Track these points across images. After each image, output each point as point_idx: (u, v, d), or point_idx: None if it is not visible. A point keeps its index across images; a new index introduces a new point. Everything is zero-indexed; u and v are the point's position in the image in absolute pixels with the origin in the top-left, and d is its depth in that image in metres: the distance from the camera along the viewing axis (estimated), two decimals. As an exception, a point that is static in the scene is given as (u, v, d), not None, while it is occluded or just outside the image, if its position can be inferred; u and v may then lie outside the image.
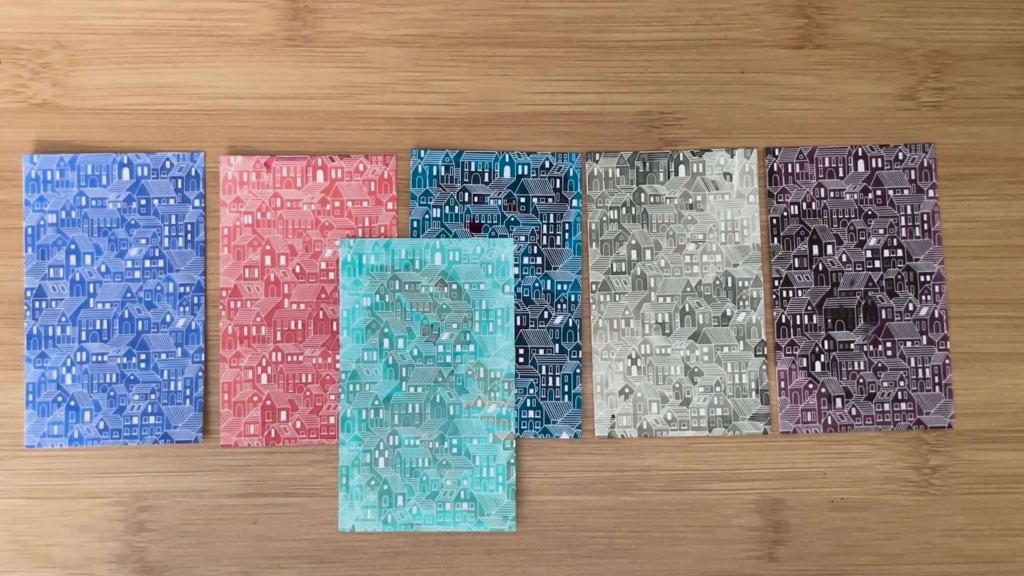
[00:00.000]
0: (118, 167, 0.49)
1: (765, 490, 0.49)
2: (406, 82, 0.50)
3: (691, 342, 0.49)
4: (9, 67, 0.50)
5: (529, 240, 0.49)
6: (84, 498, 0.49)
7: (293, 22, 0.50)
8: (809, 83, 0.50)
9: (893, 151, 0.50)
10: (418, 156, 0.50)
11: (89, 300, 0.49)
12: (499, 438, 0.48)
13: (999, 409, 0.48)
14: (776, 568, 0.48)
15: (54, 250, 0.49)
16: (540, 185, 0.50)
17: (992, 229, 0.50)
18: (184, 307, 0.49)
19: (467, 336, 0.49)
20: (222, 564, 0.48)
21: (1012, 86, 0.51)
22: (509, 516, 0.48)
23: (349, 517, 0.48)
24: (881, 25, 0.51)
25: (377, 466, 0.48)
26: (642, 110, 0.50)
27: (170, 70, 0.50)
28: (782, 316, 0.49)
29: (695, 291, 0.49)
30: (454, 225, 0.50)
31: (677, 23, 0.51)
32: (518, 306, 0.49)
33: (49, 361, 0.49)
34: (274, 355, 0.49)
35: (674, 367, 0.49)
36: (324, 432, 0.49)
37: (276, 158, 0.49)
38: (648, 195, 0.50)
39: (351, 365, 0.49)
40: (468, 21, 0.50)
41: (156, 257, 0.49)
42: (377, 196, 0.50)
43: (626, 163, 0.50)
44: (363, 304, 0.49)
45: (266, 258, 0.49)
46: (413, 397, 0.49)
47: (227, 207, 0.49)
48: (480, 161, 0.50)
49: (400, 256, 0.49)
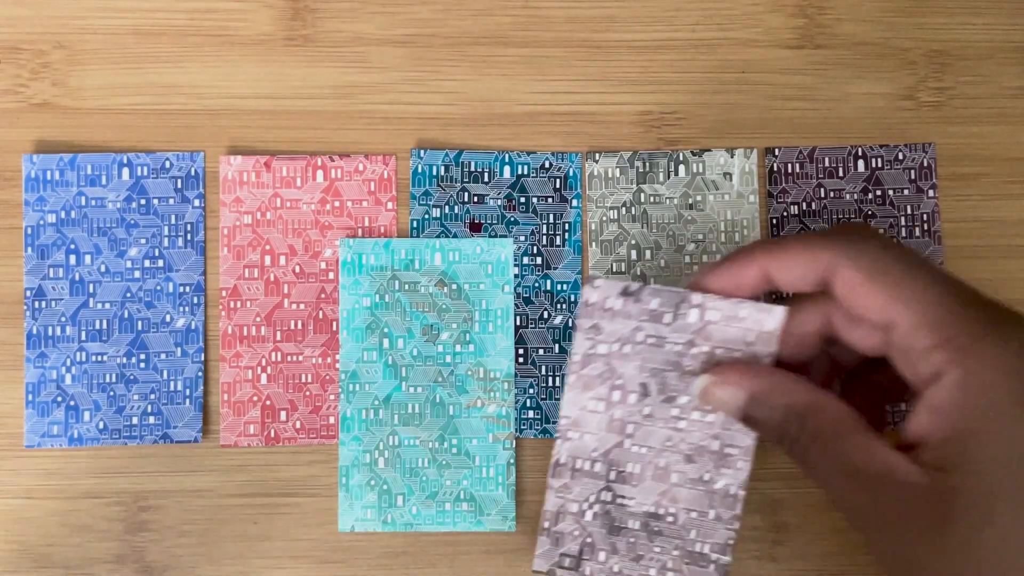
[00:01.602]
0: (118, 167, 0.49)
1: (765, 490, 0.49)
2: (406, 82, 0.50)
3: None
4: (9, 67, 0.50)
5: (529, 240, 0.49)
6: (84, 498, 0.49)
7: (293, 22, 0.50)
8: (809, 83, 0.50)
9: (893, 151, 0.50)
10: (418, 156, 0.50)
11: (89, 300, 0.49)
12: (499, 438, 0.48)
13: (999, 409, 0.48)
14: (776, 568, 0.48)
15: (54, 250, 0.49)
16: (540, 185, 0.50)
17: (992, 229, 0.50)
18: (184, 307, 0.49)
19: (467, 336, 0.49)
20: (222, 564, 0.48)
21: (1012, 86, 0.51)
22: (509, 516, 0.48)
23: (349, 517, 0.48)
24: (881, 25, 0.51)
25: (377, 466, 0.48)
26: (642, 110, 0.50)
27: (170, 70, 0.50)
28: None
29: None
30: (454, 225, 0.49)
31: (677, 23, 0.51)
32: (518, 306, 0.49)
33: (49, 361, 0.49)
34: (274, 355, 0.49)
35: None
36: (324, 432, 0.49)
37: (276, 158, 0.49)
38: (648, 195, 0.50)
39: (351, 365, 0.49)
40: (468, 21, 0.50)
41: (156, 257, 0.49)
42: (377, 196, 0.50)
43: (626, 163, 0.50)
44: (363, 304, 0.49)
45: (266, 258, 0.49)
46: (413, 397, 0.49)
47: (227, 207, 0.49)
48: (480, 161, 0.50)
49: (400, 256, 0.49)
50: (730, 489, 0.43)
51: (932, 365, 0.35)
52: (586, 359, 0.42)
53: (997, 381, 0.34)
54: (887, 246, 0.37)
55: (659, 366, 0.42)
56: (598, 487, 0.44)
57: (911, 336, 0.36)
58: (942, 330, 0.35)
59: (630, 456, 0.43)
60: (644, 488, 0.43)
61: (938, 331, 0.35)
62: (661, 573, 0.43)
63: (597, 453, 0.43)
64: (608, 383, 0.42)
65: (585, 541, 0.44)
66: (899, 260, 0.37)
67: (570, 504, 0.44)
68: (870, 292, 0.36)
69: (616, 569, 0.44)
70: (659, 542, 0.43)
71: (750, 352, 0.41)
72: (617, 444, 0.43)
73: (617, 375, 0.42)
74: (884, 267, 0.37)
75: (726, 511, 0.43)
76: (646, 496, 0.43)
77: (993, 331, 0.34)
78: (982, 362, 0.34)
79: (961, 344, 0.34)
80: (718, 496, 0.43)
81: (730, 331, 0.41)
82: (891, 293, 0.36)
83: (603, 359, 0.42)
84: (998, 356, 0.34)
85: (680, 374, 0.42)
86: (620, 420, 0.43)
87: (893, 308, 0.36)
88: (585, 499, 0.44)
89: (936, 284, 0.36)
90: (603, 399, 0.43)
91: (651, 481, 0.43)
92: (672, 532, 0.43)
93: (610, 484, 0.43)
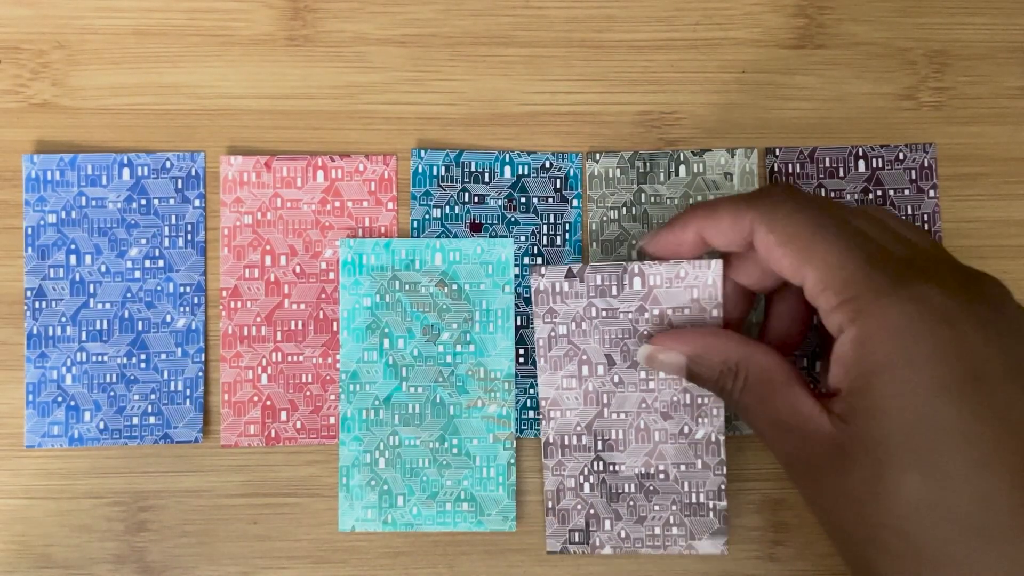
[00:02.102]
0: (118, 167, 0.49)
1: (765, 490, 0.49)
2: (406, 82, 0.50)
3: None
4: (9, 67, 0.50)
5: (529, 240, 0.49)
6: (84, 498, 0.49)
7: (293, 22, 0.50)
8: (809, 83, 0.50)
9: (894, 151, 0.50)
10: (418, 156, 0.50)
11: (89, 300, 0.49)
12: (499, 438, 0.48)
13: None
14: (776, 568, 0.48)
15: (54, 250, 0.49)
16: (540, 185, 0.50)
17: (992, 229, 0.50)
18: (184, 307, 0.49)
19: (467, 336, 0.49)
20: (222, 564, 0.48)
21: (1012, 86, 0.51)
22: (509, 516, 0.48)
23: (349, 517, 0.48)
24: (881, 25, 0.51)
25: (377, 466, 0.48)
26: (642, 110, 0.50)
27: (170, 70, 0.50)
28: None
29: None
30: (454, 225, 0.49)
31: (677, 23, 0.51)
32: (518, 306, 0.49)
33: (49, 361, 0.49)
34: (274, 355, 0.49)
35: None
36: (324, 432, 0.49)
37: (276, 158, 0.49)
38: (648, 195, 0.50)
39: (351, 365, 0.49)
40: (468, 21, 0.50)
41: (156, 257, 0.49)
42: (377, 196, 0.50)
43: (626, 163, 0.50)
44: (363, 304, 0.49)
45: (266, 258, 0.49)
46: (413, 397, 0.49)
47: (227, 207, 0.49)
48: (480, 161, 0.50)
49: (400, 256, 0.49)
50: (711, 436, 0.46)
51: (835, 323, 0.37)
52: (549, 342, 0.47)
53: (888, 336, 0.36)
54: (801, 207, 0.40)
55: (618, 336, 0.46)
56: (589, 459, 0.47)
57: (818, 297, 0.38)
58: (844, 291, 0.37)
59: (612, 423, 0.47)
60: (631, 451, 0.46)
61: (840, 292, 0.37)
62: (666, 529, 0.47)
63: (581, 427, 0.47)
64: (575, 360, 0.46)
65: (589, 513, 0.47)
66: (809, 222, 0.39)
67: (567, 480, 0.47)
68: (783, 255, 0.39)
69: (623, 535, 0.47)
70: (656, 500, 0.47)
71: (698, 308, 0.45)
72: (598, 415, 0.47)
73: (581, 351, 0.46)
74: (795, 230, 0.39)
75: (712, 458, 0.46)
76: (634, 458, 0.46)
77: (892, 289, 0.36)
78: (876, 319, 0.36)
79: (859, 304, 0.37)
80: (701, 445, 0.46)
81: (674, 291, 0.45)
82: (801, 256, 0.38)
83: (565, 339, 0.46)
84: (892, 313, 0.36)
85: (638, 339, 0.46)
86: (595, 392, 0.46)
87: (802, 270, 0.38)
88: (580, 472, 0.47)
89: (842, 246, 0.38)
90: (574, 375, 0.47)
91: (636, 443, 0.46)
92: (666, 488, 0.47)
93: (599, 454, 0.47)
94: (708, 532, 0.47)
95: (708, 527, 0.47)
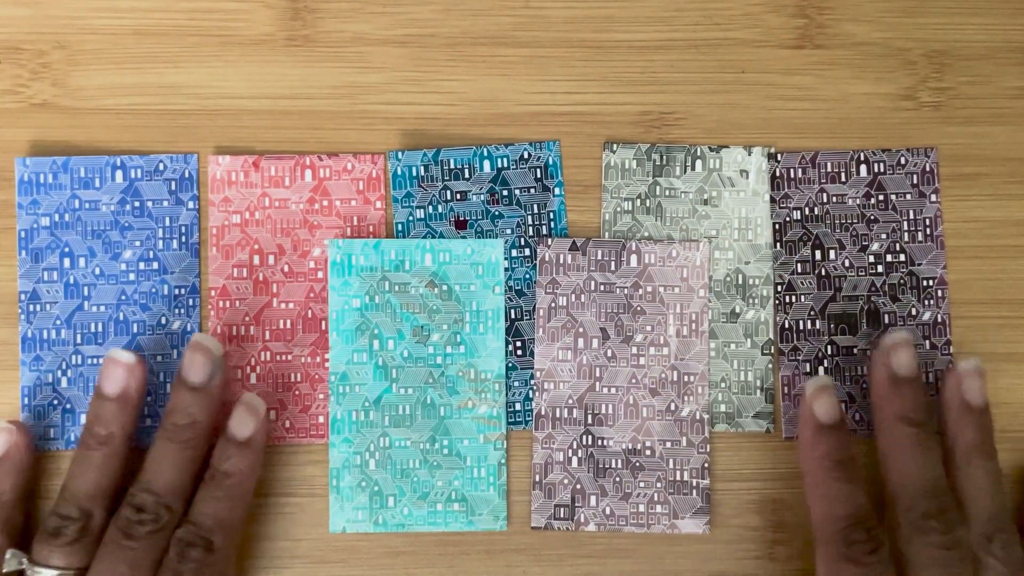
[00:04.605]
0: (111, 169, 0.49)
1: (765, 490, 0.48)
2: (406, 82, 0.50)
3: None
4: (9, 67, 0.50)
5: (516, 232, 0.49)
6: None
7: (293, 22, 0.50)
8: (809, 83, 0.50)
9: (895, 155, 0.50)
10: (396, 158, 0.49)
11: (83, 303, 0.49)
12: (490, 439, 0.48)
13: (999, 409, 0.48)
14: (776, 568, 0.48)
15: (48, 253, 0.49)
16: (521, 176, 0.49)
17: (993, 229, 0.50)
18: (179, 309, 0.49)
19: (458, 337, 0.49)
20: (217, 566, 0.48)
21: (1012, 86, 0.51)
22: (500, 516, 0.48)
23: (340, 519, 0.48)
24: (881, 25, 0.51)
25: (368, 468, 0.48)
26: (642, 110, 0.50)
27: (170, 70, 0.50)
28: (785, 321, 0.49)
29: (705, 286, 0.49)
30: (439, 224, 0.49)
31: (677, 23, 0.51)
32: (510, 299, 0.49)
33: (44, 364, 0.49)
34: (263, 354, 0.49)
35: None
36: (313, 432, 0.49)
37: (264, 157, 0.49)
38: (663, 188, 0.50)
39: (341, 367, 0.48)
40: (468, 21, 0.50)
41: (150, 259, 0.49)
42: (366, 195, 0.50)
43: (643, 155, 0.50)
44: (352, 305, 0.49)
45: (255, 257, 0.49)
46: (404, 398, 0.48)
47: (215, 207, 0.49)
48: (459, 158, 0.49)
49: (390, 257, 0.49)
50: (696, 414, 0.47)
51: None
52: (549, 312, 0.48)
53: None
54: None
55: (613, 310, 0.48)
56: (579, 432, 0.48)
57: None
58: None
59: (602, 397, 0.48)
60: (619, 426, 0.47)
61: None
62: (650, 507, 0.47)
63: (572, 400, 0.48)
64: (572, 332, 0.48)
65: (575, 488, 0.47)
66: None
67: (556, 454, 0.48)
68: None
69: (608, 511, 0.47)
70: (642, 477, 0.47)
71: (686, 287, 0.47)
72: (589, 388, 0.48)
73: (578, 323, 0.48)
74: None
75: (696, 436, 0.47)
76: (622, 434, 0.47)
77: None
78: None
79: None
80: (687, 423, 0.48)
81: (667, 270, 0.48)
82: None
83: (564, 310, 0.48)
84: None
85: (632, 314, 0.48)
86: (588, 365, 0.48)
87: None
88: (568, 445, 0.48)
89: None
90: (569, 348, 0.48)
91: (624, 419, 0.47)
92: (652, 465, 0.47)
93: (588, 428, 0.48)
94: (691, 511, 0.47)
95: (691, 506, 0.47)
